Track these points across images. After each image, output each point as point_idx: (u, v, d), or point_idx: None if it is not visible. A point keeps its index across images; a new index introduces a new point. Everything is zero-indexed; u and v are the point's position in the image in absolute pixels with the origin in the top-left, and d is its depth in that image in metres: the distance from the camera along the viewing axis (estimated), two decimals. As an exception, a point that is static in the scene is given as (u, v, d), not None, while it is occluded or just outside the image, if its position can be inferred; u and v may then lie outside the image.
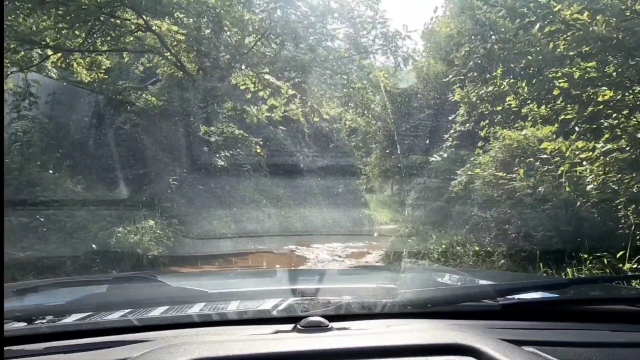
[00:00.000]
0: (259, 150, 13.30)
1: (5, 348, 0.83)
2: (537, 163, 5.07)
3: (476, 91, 5.19)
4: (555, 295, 1.22)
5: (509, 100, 4.42)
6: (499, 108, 4.57)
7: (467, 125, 6.27)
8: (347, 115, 16.60)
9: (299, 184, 18.55)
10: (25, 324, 0.95)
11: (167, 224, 8.73)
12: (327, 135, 21.15)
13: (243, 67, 11.85)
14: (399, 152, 12.27)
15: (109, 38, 11.95)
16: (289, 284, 1.48)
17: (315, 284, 1.48)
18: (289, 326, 0.94)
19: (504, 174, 5.36)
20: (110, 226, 7.59)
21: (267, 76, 11.06)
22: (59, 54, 12.03)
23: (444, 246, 6.70)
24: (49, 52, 11.62)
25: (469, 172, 6.88)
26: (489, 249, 5.82)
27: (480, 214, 5.97)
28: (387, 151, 13.56)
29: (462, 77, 5.36)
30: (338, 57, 12.08)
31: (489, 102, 4.69)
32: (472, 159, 7.50)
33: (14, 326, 0.93)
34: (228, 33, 11.57)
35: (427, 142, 11.65)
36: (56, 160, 9.21)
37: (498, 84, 4.52)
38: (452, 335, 0.85)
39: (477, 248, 5.97)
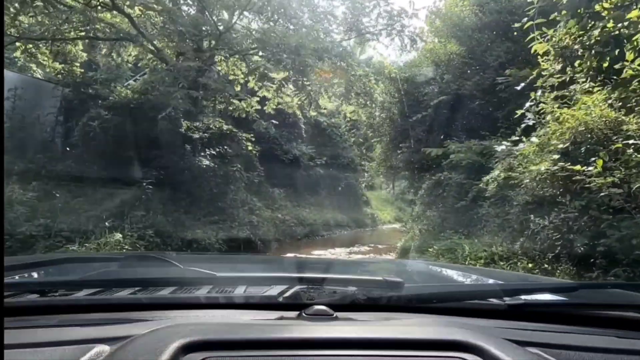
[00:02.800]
0: (250, 147, 11.86)
1: (19, 317, 0.86)
2: (630, 150, 3.64)
3: (574, 34, 3.72)
4: (563, 298, 1.18)
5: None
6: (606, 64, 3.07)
7: (564, 90, 4.67)
8: (348, 107, 15.20)
9: (296, 184, 17.15)
10: (39, 295, 0.95)
11: (139, 236, 7.29)
12: (326, 129, 19.74)
13: (229, 53, 10.37)
14: (411, 144, 10.81)
15: (77, 24, 10.55)
16: (295, 272, 1.46)
17: (321, 273, 1.39)
18: (294, 313, 0.94)
19: (583, 168, 3.92)
20: (64, 243, 6.16)
21: (256, 58, 9.58)
22: (19, 43, 10.59)
23: (482, 260, 5.28)
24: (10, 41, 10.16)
25: (516, 165, 5.41)
26: (546, 266, 4.42)
27: (538, 220, 4.53)
28: (394, 145, 12.10)
29: (546, 20, 3.94)
30: (337, 40, 10.63)
31: (595, 54, 3.20)
32: (512, 147, 6.05)
33: (28, 297, 0.95)
34: (213, 15, 10.12)
35: (442, 132, 10.21)
36: (6, 165, 7.73)
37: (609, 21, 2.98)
38: (455, 332, 0.83)
39: (530, 265, 4.57)
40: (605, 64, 3.18)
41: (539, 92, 5.23)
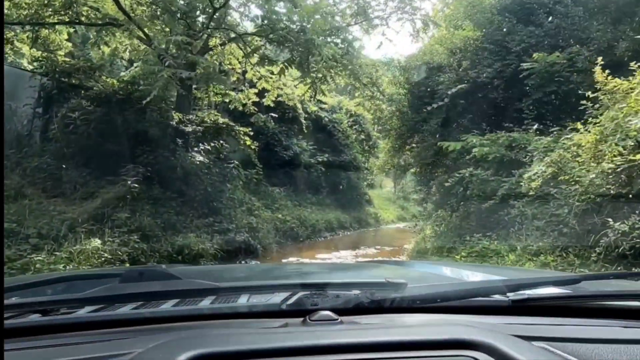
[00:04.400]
0: (248, 143, 10.92)
1: (22, 338, 0.86)
2: None
3: None
4: (567, 291, 1.17)
5: None
6: None
7: None
8: (352, 101, 14.30)
9: (296, 182, 16.23)
10: (41, 315, 0.95)
11: (122, 242, 6.36)
12: (327, 125, 18.83)
13: (226, 38, 9.44)
14: (423, 139, 9.89)
15: (59, 7, 9.64)
16: (298, 278, 1.45)
17: (324, 278, 1.42)
18: (299, 320, 0.93)
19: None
20: (29, 252, 5.22)
21: (255, 39, 8.61)
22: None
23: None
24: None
25: (570, 158, 4.50)
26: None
27: (618, 224, 3.61)
28: (403, 140, 11.19)
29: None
30: (343, 24, 9.71)
31: None
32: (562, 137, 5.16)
33: (30, 317, 0.95)
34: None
35: (459, 125, 9.30)
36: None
37: None
38: (461, 331, 0.83)
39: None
40: None
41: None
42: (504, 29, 9.26)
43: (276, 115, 13.65)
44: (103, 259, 5.76)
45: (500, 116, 8.84)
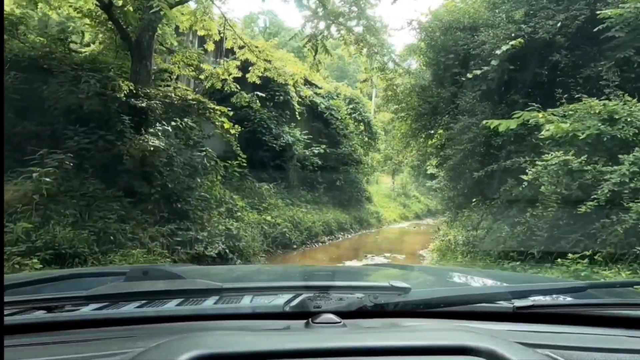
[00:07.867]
0: (227, 126, 8.51)
1: (26, 334, 0.85)
2: None
3: None
4: (572, 299, 1.17)
5: None
6: None
7: None
8: (357, 82, 11.95)
9: (289, 177, 13.85)
10: (45, 312, 0.96)
11: (18, 266, 3.94)
12: (323, 113, 16.45)
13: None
14: (453, 119, 7.57)
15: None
16: (301, 280, 1.47)
17: (327, 280, 1.42)
18: (302, 322, 0.93)
19: None
20: None
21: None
22: None
23: None
24: None
25: None
26: None
27: None
28: (423, 123, 8.86)
29: None
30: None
31: None
32: None
33: (35, 314, 0.95)
34: None
35: (506, 97, 7.00)
36: None
37: None
38: (464, 337, 0.82)
39: None
40: None
41: None
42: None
43: (263, 95, 11.24)
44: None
45: (566, 85, 6.53)
